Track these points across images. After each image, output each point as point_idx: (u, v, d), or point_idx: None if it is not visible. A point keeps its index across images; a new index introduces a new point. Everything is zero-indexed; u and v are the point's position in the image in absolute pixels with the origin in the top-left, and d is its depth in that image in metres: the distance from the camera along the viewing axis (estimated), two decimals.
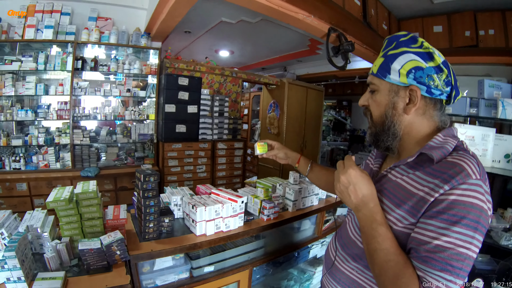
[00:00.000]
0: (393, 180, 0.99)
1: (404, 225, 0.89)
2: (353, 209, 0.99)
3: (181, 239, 1.68)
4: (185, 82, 4.22)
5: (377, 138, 1.05)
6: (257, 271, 2.13)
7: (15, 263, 1.17)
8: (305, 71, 7.56)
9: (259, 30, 5.00)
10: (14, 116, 3.74)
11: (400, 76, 0.95)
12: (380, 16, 3.69)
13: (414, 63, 0.92)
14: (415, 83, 0.93)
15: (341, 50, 3.31)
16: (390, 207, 0.94)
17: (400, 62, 0.95)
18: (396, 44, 0.98)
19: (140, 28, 4.27)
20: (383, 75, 0.99)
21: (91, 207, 1.56)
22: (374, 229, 0.90)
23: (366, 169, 1.24)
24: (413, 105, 0.95)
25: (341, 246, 1.20)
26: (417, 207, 0.86)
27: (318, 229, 2.48)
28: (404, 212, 0.90)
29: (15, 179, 3.58)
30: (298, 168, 1.69)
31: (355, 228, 1.14)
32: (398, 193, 0.94)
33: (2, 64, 3.64)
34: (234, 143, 4.87)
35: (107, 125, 4.46)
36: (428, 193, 0.85)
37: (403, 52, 0.95)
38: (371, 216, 0.93)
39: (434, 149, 0.89)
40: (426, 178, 0.88)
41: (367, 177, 0.96)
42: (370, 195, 0.94)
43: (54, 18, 3.81)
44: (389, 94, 0.99)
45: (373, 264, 0.90)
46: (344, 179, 0.96)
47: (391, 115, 0.99)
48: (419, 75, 0.92)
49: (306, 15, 2.93)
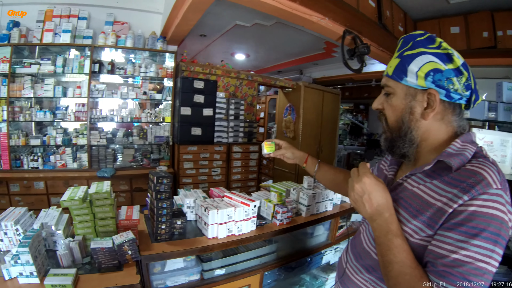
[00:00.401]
0: (409, 189, 0.94)
1: (420, 237, 0.85)
2: (367, 219, 0.94)
3: (193, 241, 1.68)
4: (201, 85, 4.24)
5: (393, 144, 1.00)
6: (269, 276, 2.11)
7: (28, 259, 1.21)
8: (321, 74, 7.50)
9: (274, 33, 4.99)
10: (33, 117, 3.85)
11: (417, 78, 0.89)
12: (396, 17, 3.62)
13: (433, 65, 0.87)
14: (433, 87, 0.88)
15: (356, 52, 3.27)
16: (406, 218, 0.89)
17: (417, 64, 0.89)
18: (412, 44, 0.92)
19: (156, 32, 4.34)
20: (399, 77, 0.93)
21: (104, 207, 1.58)
22: (389, 240, 0.86)
23: (380, 175, 1.19)
24: (431, 110, 0.90)
25: (354, 256, 1.15)
26: (435, 219, 0.82)
27: (331, 235, 2.45)
28: (420, 223, 0.85)
29: (33, 178, 3.67)
30: (306, 167, 1.64)
31: (369, 238, 1.09)
32: (415, 203, 0.89)
33: (22, 67, 3.77)
34: (250, 147, 4.87)
35: (124, 127, 4.54)
36: (446, 204, 0.80)
37: (421, 52, 0.89)
38: (386, 226, 0.88)
39: (453, 157, 0.84)
40: (444, 187, 0.83)
41: (382, 185, 0.92)
42: (386, 205, 0.90)
43: (72, 22, 3.92)
44: (406, 98, 0.94)
45: (388, 277, 0.87)
46: (359, 187, 0.92)
47: (408, 120, 0.94)
48: (437, 78, 0.86)
49: (320, 18, 2.91)
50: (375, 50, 3.70)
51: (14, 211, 1.55)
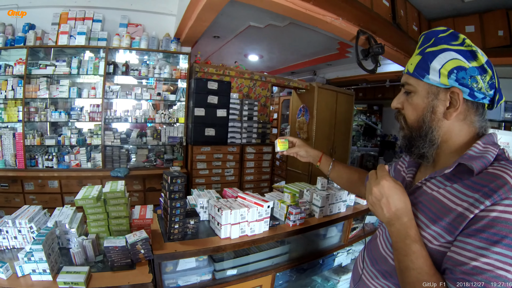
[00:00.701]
0: (428, 193, 0.90)
1: (440, 243, 0.82)
2: (385, 223, 0.91)
3: (206, 241, 1.68)
4: (215, 86, 4.25)
5: (412, 143, 0.95)
6: (280, 277, 2.09)
7: (42, 256, 1.22)
8: (335, 75, 7.44)
9: (287, 34, 4.98)
10: (48, 117, 3.94)
11: (440, 76, 0.85)
12: (410, 17, 3.56)
13: (456, 63, 0.83)
14: (457, 85, 0.84)
15: (370, 53, 3.23)
16: (425, 223, 0.86)
17: (440, 61, 0.85)
18: (434, 41, 0.88)
19: (170, 33, 4.38)
20: (421, 75, 0.89)
21: (118, 206, 1.59)
22: (407, 245, 0.83)
23: (397, 177, 1.15)
24: (454, 109, 0.86)
25: (370, 261, 1.12)
26: (455, 224, 0.78)
27: (344, 236, 2.41)
28: (440, 229, 0.82)
29: (47, 177, 3.74)
30: (320, 166, 1.61)
31: (386, 243, 1.06)
32: (434, 207, 0.85)
33: (37, 68, 3.86)
34: (263, 147, 4.86)
35: (138, 128, 4.59)
36: (467, 209, 0.77)
37: (443, 49, 0.85)
38: (404, 231, 0.85)
39: (474, 159, 0.80)
40: (465, 191, 0.79)
41: (401, 189, 0.88)
42: (404, 209, 0.86)
43: (86, 25, 3.99)
44: (428, 97, 0.89)
45: (404, 284, 0.84)
46: (377, 191, 0.89)
47: (430, 120, 0.90)
48: (461, 76, 0.83)
49: (334, 18, 2.88)
50: (389, 50, 3.65)
51: (29, 209, 1.57)
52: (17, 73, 3.80)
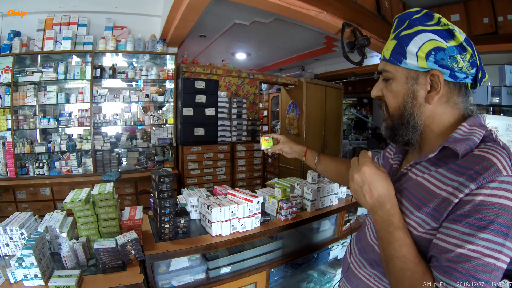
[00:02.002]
0: (413, 179, 0.88)
1: (425, 230, 0.80)
2: (368, 210, 0.90)
3: (197, 240, 1.67)
4: (202, 86, 4.25)
5: (395, 132, 0.93)
6: (275, 273, 2.09)
7: (32, 261, 1.21)
8: (323, 70, 7.47)
9: (273, 30, 4.98)
10: (37, 125, 3.90)
11: (418, 60, 0.82)
12: (395, 8, 3.59)
13: (434, 44, 0.80)
14: (436, 67, 0.81)
15: (356, 45, 3.25)
16: (410, 210, 0.84)
17: (416, 44, 0.82)
18: (409, 23, 0.85)
19: (156, 34, 4.35)
20: (397, 60, 0.86)
21: (107, 208, 1.58)
22: (390, 233, 0.81)
23: (385, 165, 1.13)
24: (435, 92, 0.83)
25: (358, 250, 1.11)
26: (440, 210, 0.76)
27: (338, 229, 2.43)
28: (425, 215, 0.80)
29: (39, 184, 3.70)
30: (306, 161, 1.59)
31: (373, 231, 1.04)
32: (419, 193, 0.83)
33: (24, 76, 3.82)
34: (254, 145, 4.85)
35: (127, 131, 4.55)
36: (452, 193, 0.74)
37: (419, 31, 0.82)
38: (387, 219, 0.83)
39: (459, 142, 0.78)
40: (450, 175, 0.77)
41: (384, 175, 0.86)
42: (387, 195, 0.84)
43: (72, 29, 3.96)
44: (407, 82, 0.86)
45: (389, 273, 0.82)
46: (358, 177, 0.87)
47: (411, 106, 0.87)
48: (440, 57, 0.79)
49: (318, 12, 2.89)
50: (375, 42, 3.68)
51: (19, 216, 1.55)
52: (4, 81, 3.75)
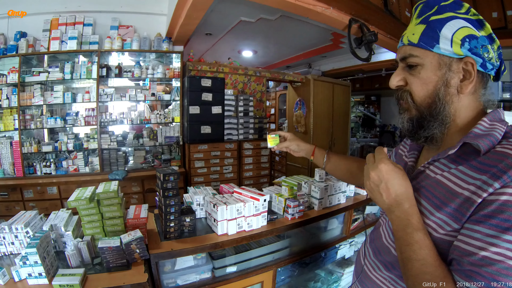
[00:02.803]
0: (432, 177, 0.83)
1: (445, 231, 0.75)
2: (385, 210, 0.85)
3: (203, 239, 1.66)
4: (208, 83, 4.23)
5: (421, 124, 0.85)
6: (282, 272, 2.07)
7: (36, 259, 1.21)
8: (330, 67, 7.39)
9: (280, 27, 4.93)
10: (44, 124, 3.94)
11: (453, 45, 0.77)
12: (402, 2, 3.51)
13: (467, 31, 0.76)
14: (470, 54, 0.76)
15: (364, 41, 3.19)
16: (429, 210, 0.79)
17: (451, 29, 0.77)
18: (438, 8, 0.80)
19: (161, 33, 4.35)
20: (429, 45, 0.79)
21: (112, 206, 1.57)
22: (409, 234, 0.77)
23: (399, 162, 1.06)
24: (469, 81, 0.78)
25: (373, 251, 1.06)
26: (462, 210, 0.71)
27: (346, 228, 2.39)
28: (445, 216, 0.75)
29: (46, 183, 3.74)
30: (314, 160, 1.52)
31: (389, 232, 0.99)
32: (439, 192, 0.78)
33: (31, 76, 3.86)
34: (261, 143, 4.83)
35: (134, 129, 4.57)
36: (474, 193, 0.69)
37: (451, 17, 0.77)
38: (406, 219, 0.79)
39: (480, 138, 0.73)
40: (472, 173, 0.73)
41: (401, 172, 0.82)
42: (405, 194, 0.80)
43: (77, 29, 3.98)
44: (440, 69, 0.80)
45: (407, 276, 0.77)
46: (375, 175, 0.82)
47: (444, 94, 0.80)
48: (474, 45, 0.75)
49: (324, 7, 2.84)
50: (383, 37, 3.61)
51: (25, 214, 1.56)
52: (11, 81, 3.79)
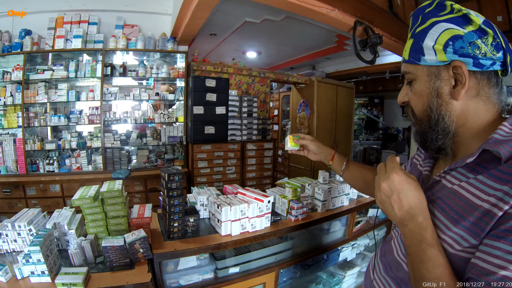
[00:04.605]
0: (448, 187, 0.77)
1: (462, 247, 0.69)
2: (397, 224, 0.79)
3: (206, 239, 1.65)
4: (213, 84, 4.23)
5: (424, 138, 0.84)
6: (284, 274, 2.07)
7: (39, 257, 1.21)
8: (334, 69, 7.38)
9: (284, 28, 4.94)
10: (48, 122, 3.94)
11: (436, 53, 0.75)
12: (407, 5, 3.50)
13: (450, 33, 0.73)
14: (456, 57, 0.73)
15: (368, 43, 3.18)
16: (445, 224, 0.73)
17: (432, 37, 0.75)
18: (422, 18, 0.80)
19: (166, 33, 4.35)
20: (416, 59, 0.80)
21: (116, 205, 1.57)
22: (422, 250, 0.71)
23: (413, 172, 1.00)
24: (461, 86, 0.74)
25: (383, 266, 0.99)
26: (481, 224, 0.65)
27: (348, 230, 2.39)
28: (463, 230, 0.69)
29: (49, 181, 3.74)
30: (332, 166, 1.46)
31: (400, 246, 0.93)
32: (456, 205, 0.72)
33: (35, 74, 3.86)
34: (264, 144, 4.82)
35: (138, 129, 4.58)
36: (495, 205, 0.64)
37: (433, 23, 0.76)
38: (419, 233, 0.73)
39: (501, 144, 0.67)
40: (492, 184, 0.66)
41: (415, 183, 0.76)
42: (419, 207, 0.74)
43: (82, 28, 3.99)
44: (429, 80, 0.78)
45: None
46: (386, 186, 0.77)
47: (437, 105, 0.78)
48: (459, 46, 0.72)
49: (330, 9, 2.83)
50: (388, 40, 3.60)
51: (28, 212, 1.56)
52: (15, 79, 3.80)
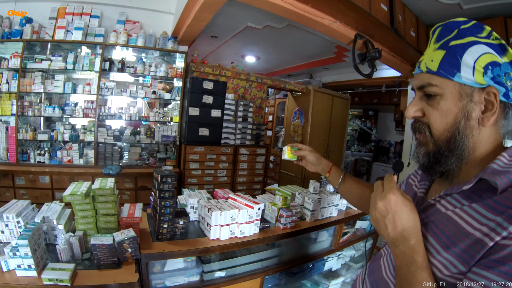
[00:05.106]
0: (442, 212, 0.78)
1: (450, 273, 0.70)
2: (388, 244, 0.79)
3: (194, 242, 1.66)
4: (210, 86, 4.24)
5: (438, 160, 0.80)
6: (269, 280, 2.08)
7: (27, 251, 1.20)
8: (331, 79, 7.45)
9: (285, 36, 4.97)
10: (42, 112, 3.90)
11: (475, 73, 0.71)
12: (408, 22, 3.56)
13: (490, 57, 0.70)
14: (493, 84, 0.71)
15: (367, 57, 3.23)
16: (436, 248, 0.74)
17: (472, 55, 0.71)
18: (458, 32, 0.76)
19: (167, 32, 4.35)
20: (450, 73, 0.74)
21: (107, 203, 1.57)
22: (412, 273, 0.72)
23: (408, 192, 1.00)
24: (492, 113, 0.72)
25: (371, 283, 1.00)
26: (471, 252, 0.66)
27: (335, 241, 2.41)
28: (453, 256, 0.69)
29: (39, 172, 3.70)
30: (329, 178, 1.44)
31: (389, 265, 0.93)
32: (448, 230, 0.73)
33: (33, 62, 3.83)
34: (257, 149, 4.82)
35: (132, 125, 4.55)
36: (486, 235, 0.64)
37: (473, 42, 0.72)
38: (410, 256, 0.73)
39: (498, 175, 0.67)
40: (486, 213, 0.67)
41: (411, 205, 0.76)
42: (413, 229, 0.75)
43: (84, 20, 3.96)
44: (461, 99, 0.74)
45: None
46: (382, 205, 0.77)
47: (464, 128, 0.74)
48: (496, 73, 0.70)
49: (332, 21, 2.87)
50: (386, 55, 3.66)
51: (17, 203, 1.55)
52: (12, 66, 3.76)
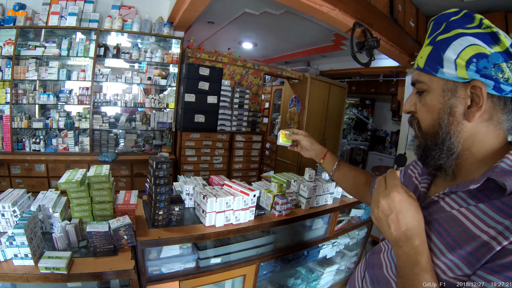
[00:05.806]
0: (447, 210, 0.74)
1: (455, 275, 0.67)
2: (391, 243, 0.75)
3: (190, 229, 1.67)
4: (206, 72, 4.20)
5: (426, 154, 0.79)
6: (265, 267, 2.11)
7: (23, 240, 1.20)
8: (328, 67, 7.41)
9: (283, 23, 4.92)
10: (36, 100, 3.85)
11: (457, 68, 0.70)
12: (408, 12, 3.52)
13: (475, 49, 0.68)
14: (478, 77, 0.68)
15: (365, 46, 3.20)
16: (441, 249, 0.70)
17: (455, 49, 0.70)
18: (446, 26, 0.73)
19: (163, 17, 4.28)
20: (433, 69, 0.74)
21: (102, 190, 1.57)
22: (415, 274, 0.68)
23: (408, 184, 0.96)
24: (477, 108, 0.69)
25: (370, 278, 0.97)
26: (477, 255, 0.63)
27: (330, 229, 2.44)
28: (458, 258, 0.67)
29: (34, 160, 3.68)
30: (323, 164, 1.41)
31: (391, 263, 0.90)
32: (454, 231, 0.69)
33: (26, 49, 3.75)
34: (253, 136, 4.83)
35: (127, 112, 4.52)
36: (494, 238, 0.61)
37: (458, 35, 0.70)
38: (414, 257, 0.70)
39: (507, 175, 0.64)
40: (494, 215, 0.64)
41: (415, 204, 0.72)
42: (417, 229, 0.71)
43: (78, 5, 3.87)
44: (444, 95, 0.73)
45: None
46: (385, 204, 0.73)
47: (447, 123, 0.74)
48: (482, 66, 0.67)
49: (330, 8, 2.84)
50: (385, 44, 3.63)
51: (13, 192, 1.54)
52: (5, 54, 3.68)
